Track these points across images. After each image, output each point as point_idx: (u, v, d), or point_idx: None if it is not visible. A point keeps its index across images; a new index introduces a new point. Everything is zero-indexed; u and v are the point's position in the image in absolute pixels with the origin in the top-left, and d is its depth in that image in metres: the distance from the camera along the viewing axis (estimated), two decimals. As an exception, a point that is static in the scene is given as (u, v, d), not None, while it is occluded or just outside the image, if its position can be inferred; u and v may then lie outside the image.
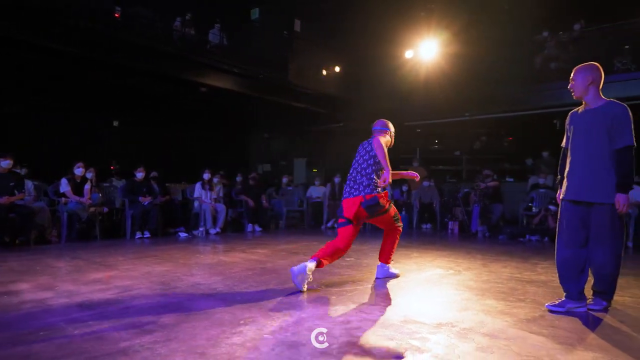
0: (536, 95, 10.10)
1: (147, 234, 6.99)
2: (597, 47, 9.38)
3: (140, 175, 7.29)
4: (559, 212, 3.11)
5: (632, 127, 2.82)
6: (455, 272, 4.36)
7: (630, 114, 2.84)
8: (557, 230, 3.09)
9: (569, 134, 3.09)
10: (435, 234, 8.35)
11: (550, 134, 11.23)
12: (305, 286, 3.43)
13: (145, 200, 7.08)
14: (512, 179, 10.77)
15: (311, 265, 3.44)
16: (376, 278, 3.96)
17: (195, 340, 2.28)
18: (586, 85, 2.95)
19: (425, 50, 10.57)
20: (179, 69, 8.37)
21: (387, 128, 3.99)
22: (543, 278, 4.05)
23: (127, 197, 7.11)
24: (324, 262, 3.54)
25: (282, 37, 10.58)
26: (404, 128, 13.05)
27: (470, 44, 10.39)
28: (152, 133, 10.20)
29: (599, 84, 2.97)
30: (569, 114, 3.13)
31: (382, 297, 3.30)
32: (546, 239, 7.16)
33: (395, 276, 4.02)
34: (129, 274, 4.03)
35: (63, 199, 6.49)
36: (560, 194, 3.09)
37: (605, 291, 2.97)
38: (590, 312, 2.91)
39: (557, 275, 4.02)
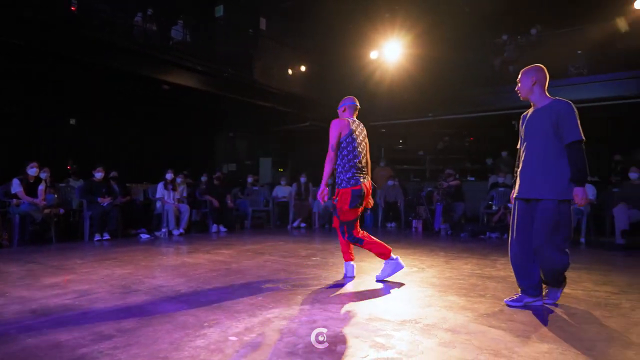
0: (496, 97, 10.44)
1: (106, 236, 6.76)
2: (553, 51, 9.80)
3: (99, 175, 7.04)
4: (512, 211, 3.19)
5: (578, 121, 2.87)
6: (419, 269, 4.44)
7: (575, 109, 2.90)
8: (510, 228, 3.17)
9: (521, 135, 3.18)
10: (399, 232, 8.48)
11: (508, 134, 11.65)
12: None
13: (105, 201, 6.85)
14: (473, 178, 11.08)
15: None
16: (346, 277, 3.98)
17: (157, 345, 2.22)
18: (530, 86, 3.05)
19: (390, 51, 10.73)
20: (140, 65, 8.13)
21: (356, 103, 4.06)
22: (502, 274, 4.19)
23: (85, 198, 6.86)
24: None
25: (248, 35, 10.46)
26: (370, 128, 13.17)
27: (433, 45, 10.63)
28: (112, 132, 9.86)
29: (544, 84, 3.05)
30: (521, 116, 3.24)
31: (347, 296, 3.32)
32: (505, 236, 7.41)
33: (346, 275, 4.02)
34: (88, 278, 3.89)
35: (15, 200, 6.18)
36: (514, 193, 3.17)
37: (554, 284, 3.08)
38: (546, 305, 3.03)
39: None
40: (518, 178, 3.13)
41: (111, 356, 2.06)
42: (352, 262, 4.05)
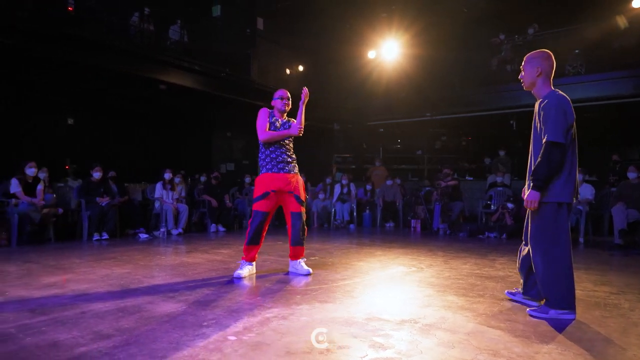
0: (493, 97, 10.47)
1: (105, 236, 6.75)
2: (550, 50, 9.81)
3: (97, 175, 7.03)
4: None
5: (558, 120, 2.62)
6: (418, 269, 4.44)
7: (559, 105, 2.65)
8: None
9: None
10: (398, 232, 8.49)
11: (506, 133, 11.71)
12: None
13: (103, 201, 6.84)
14: (471, 178, 11.10)
15: None
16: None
17: (155, 344, 2.21)
18: (535, 77, 2.81)
19: (387, 51, 10.75)
20: (137, 66, 8.09)
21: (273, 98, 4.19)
22: (501, 274, 4.20)
23: (83, 198, 6.84)
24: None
25: (245, 35, 10.44)
26: (367, 127, 13.23)
27: (430, 45, 10.65)
28: (110, 132, 9.83)
29: (550, 74, 2.80)
30: None
31: (346, 296, 3.31)
32: (504, 235, 7.42)
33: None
34: (86, 277, 3.88)
35: (13, 200, 6.16)
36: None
37: (546, 297, 2.78)
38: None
39: (514, 271, 4.18)
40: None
41: (110, 355, 2.06)
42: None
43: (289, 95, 4.17)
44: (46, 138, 8.79)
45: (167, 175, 7.80)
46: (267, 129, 4.00)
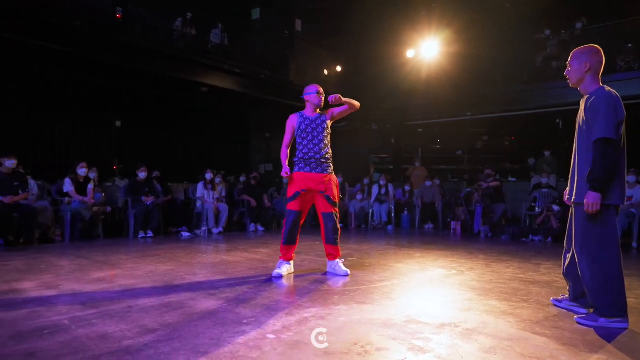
0: (538, 95, 10.09)
1: (150, 233, 7.01)
2: (599, 45, 9.33)
3: (142, 175, 7.31)
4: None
5: (609, 116, 2.49)
6: (458, 272, 4.35)
7: (611, 100, 2.52)
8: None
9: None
10: (437, 234, 8.34)
11: (552, 133, 11.27)
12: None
13: (148, 200, 7.10)
14: (514, 179, 10.76)
15: None
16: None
17: (198, 339, 2.28)
18: (583, 73, 2.68)
19: (427, 50, 10.58)
20: (180, 70, 8.37)
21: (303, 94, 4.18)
22: (546, 279, 4.05)
23: (130, 197, 7.13)
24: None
25: (283, 37, 10.57)
26: (406, 127, 13.07)
27: (471, 43, 10.39)
28: (154, 133, 10.21)
29: (599, 71, 2.67)
30: None
31: (385, 297, 3.29)
32: (549, 239, 7.15)
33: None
34: (133, 273, 4.04)
35: (66, 199, 6.51)
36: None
37: (595, 305, 2.64)
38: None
39: (560, 276, 4.03)
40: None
41: (155, 349, 2.14)
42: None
43: (322, 90, 4.22)
44: (96, 140, 9.23)
45: (208, 176, 8.00)
46: (289, 145, 4.18)
